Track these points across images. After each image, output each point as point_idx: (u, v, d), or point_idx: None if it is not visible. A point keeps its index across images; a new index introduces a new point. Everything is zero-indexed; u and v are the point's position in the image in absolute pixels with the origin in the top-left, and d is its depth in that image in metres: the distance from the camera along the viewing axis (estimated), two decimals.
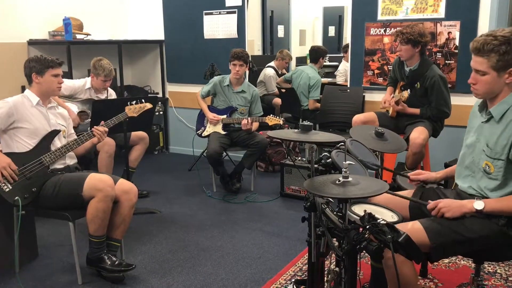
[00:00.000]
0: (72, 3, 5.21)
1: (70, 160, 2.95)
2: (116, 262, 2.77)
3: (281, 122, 4.22)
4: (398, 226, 1.83)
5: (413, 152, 3.53)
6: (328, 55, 6.14)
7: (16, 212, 2.72)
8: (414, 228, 1.89)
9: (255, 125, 4.37)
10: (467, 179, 2.11)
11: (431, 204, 2.01)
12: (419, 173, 2.35)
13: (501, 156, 1.92)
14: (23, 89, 4.57)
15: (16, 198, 2.59)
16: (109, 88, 4.24)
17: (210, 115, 4.42)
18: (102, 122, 3.00)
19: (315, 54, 5.58)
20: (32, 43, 4.83)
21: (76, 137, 2.94)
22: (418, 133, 3.53)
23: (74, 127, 3.26)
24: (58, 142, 2.88)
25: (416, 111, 3.70)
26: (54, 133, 2.86)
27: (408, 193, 2.27)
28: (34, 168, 2.70)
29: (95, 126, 2.94)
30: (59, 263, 3.05)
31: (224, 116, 4.41)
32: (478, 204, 1.91)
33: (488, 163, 1.97)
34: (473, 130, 2.11)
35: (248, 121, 4.23)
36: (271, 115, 4.29)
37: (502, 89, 1.93)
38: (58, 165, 2.84)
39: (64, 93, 3.91)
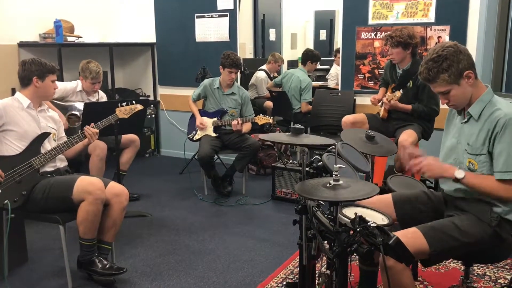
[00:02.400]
0: (63, 5, 5.19)
1: (60, 163, 2.93)
2: (107, 266, 2.76)
3: (271, 121, 4.23)
4: (398, 233, 1.86)
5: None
6: None
7: (5, 216, 2.69)
8: (414, 235, 1.91)
9: (247, 127, 4.36)
10: (450, 181, 2.14)
11: (414, 161, 2.05)
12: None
13: (482, 151, 1.99)
14: (13, 91, 4.54)
15: (6, 201, 2.57)
16: (100, 91, 4.22)
17: (198, 121, 4.42)
18: (92, 125, 2.98)
19: (305, 57, 5.62)
20: (22, 45, 4.80)
21: (64, 140, 2.93)
22: (407, 136, 3.56)
23: (65, 130, 3.24)
24: (48, 145, 2.86)
25: (408, 107, 3.71)
26: (44, 135, 2.84)
27: (397, 194, 2.29)
28: (24, 171, 2.68)
29: (86, 126, 2.93)
30: (49, 267, 3.03)
31: (215, 119, 4.41)
32: (459, 173, 1.97)
33: (471, 160, 2.03)
34: (451, 133, 2.18)
35: (238, 122, 4.23)
36: (261, 114, 4.30)
37: (471, 91, 2.02)
38: (48, 168, 2.82)
39: (55, 96, 3.88)
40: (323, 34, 8.95)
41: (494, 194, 1.94)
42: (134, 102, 3.27)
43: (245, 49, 7.04)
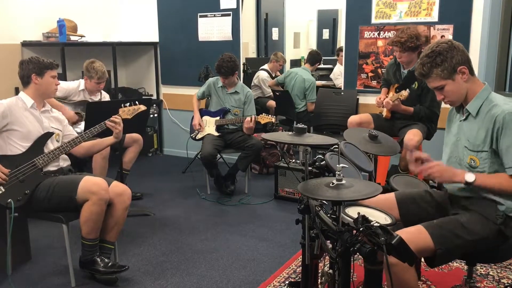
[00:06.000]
0: (66, 4, 5.20)
1: (64, 162, 2.94)
2: (109, 264, 2.76)
3: (273, 120, 4.22)
4: (402, 231, 1.86)
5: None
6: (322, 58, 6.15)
7: (8, 214, 2.70)
8: (419, 233, 1.91)
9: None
10: None
11: (423, 166, 2.05)
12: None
13: (484, 147, 1.99)
14: (16, 90, 4.55)
15: (9, 200, 2.58)
16: (102, 91, 4.23)
17: (196, 121, 4.43)
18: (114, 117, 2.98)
19: (313, 58, 5.63)
20: (25, 44, 4.81)
21: (75, 135, 2.93)
22: (412, 135, 3.55)
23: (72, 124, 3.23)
24: (51, 145, 2.87)
25: (410, 109, 3.71)
26: (47, 135, 2.85)
27: (400, 193, 2.29)
28: (27, 170, 2.69)
29: (108, 122, 2.92)
30: (52, 266, 3.04)
31: (217, 118, 4.41)
32: (470, 177, 1.97)
33: (472, 157, 2.04)
34: (452, 131, 2.19)
35: (251, 119, 4.21)
36: (263, 114, 4.29)
37: (466, 88, 2.04)
38: (52, 168, 2.83)
39: (58, 95, 3.89)
40: (326, 33, 8.94)
41: (509, 191, 1.94)
42: (137, 102, 3.27)
43: (248, 48, 7.04)
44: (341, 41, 5.94)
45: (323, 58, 6.15)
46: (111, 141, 3.00)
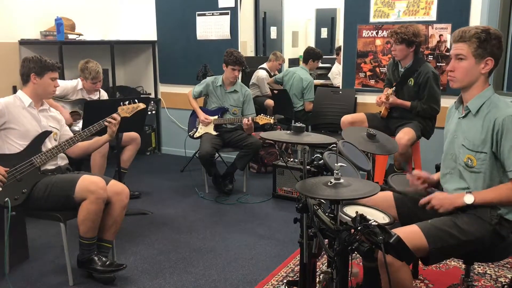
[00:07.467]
0: (64, 3, 5.18)
1: (61, 161, 2.93)
2: (107, 263, 2.76)
3: (272, 121, 4.22)
4: (396, 230, 1.87)
5: (399, 153, 3.55)
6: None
7: (6, 213, 2.70)
8: (413, 232, 1.91)
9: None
10: (447, 178, 2.15)
11: (424, 199, 2.07)
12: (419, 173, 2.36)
13: (483, 149, 1.98)
14: (14, 89, 4.54)
15: (6, 199, 2.58)
16: (101, 90, 4.23)
17: (202, 116, 4.42)
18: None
19: (307, 55, 5.62)
20: (23, 43, 4.80)
21: (70, 136, 2.92)
22: (404, 134, 3.56)
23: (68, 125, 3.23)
24: (49, 144, 2.86)
25: (407, 103, 3.71)
26: (45, 134, 2.84)
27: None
28: (25, 169, 2.69)
29: (108, 118, 2.90)
30: (50, 264, 3.03)
31: (216, 117, 4.41)
32: (468, 199, 1.97)
33: (470, 156, 2.02)
34: (450, 129, 2.18)
35: (249, 121, 4.21)
36: (262, 114, 4.29)
37: (477, 78, 2.02)
38: (49, 166, 2.82)
39: (56, 93, 3.88)
40: (324, 32, 8.94)
41: (508, 201, 1.94)
42: (136, 100, 3.26)
43: (246, 47, 7.04)
44: (339, 40, 5.95)
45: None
46: (105, 139, 2.99)
